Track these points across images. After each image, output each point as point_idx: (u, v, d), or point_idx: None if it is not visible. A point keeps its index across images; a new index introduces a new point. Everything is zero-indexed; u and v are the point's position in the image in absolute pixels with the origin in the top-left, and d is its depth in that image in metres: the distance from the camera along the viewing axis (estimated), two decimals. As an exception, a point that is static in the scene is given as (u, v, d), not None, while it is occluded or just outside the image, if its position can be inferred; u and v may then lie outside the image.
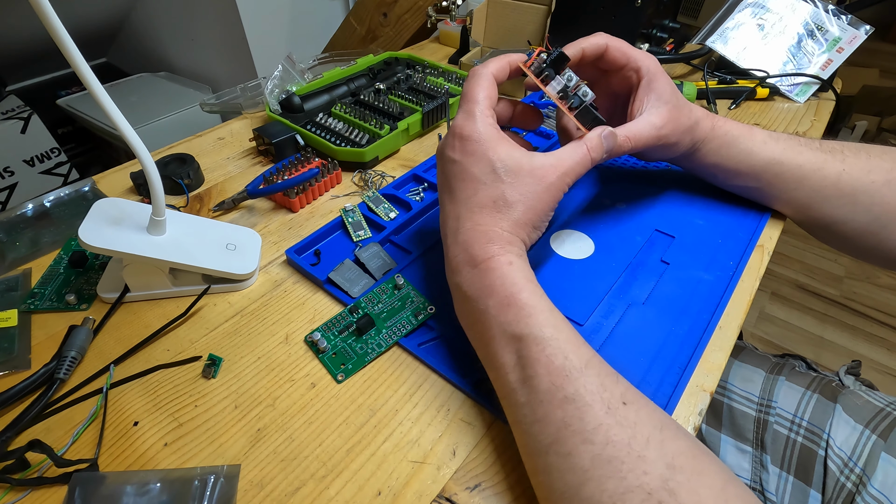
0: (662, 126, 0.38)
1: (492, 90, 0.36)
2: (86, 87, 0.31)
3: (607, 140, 0.35)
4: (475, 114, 0.34)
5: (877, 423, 0.47)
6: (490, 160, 0.33)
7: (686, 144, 0.41)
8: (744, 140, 0.42)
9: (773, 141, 0.42)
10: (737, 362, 0.57)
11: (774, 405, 0.51)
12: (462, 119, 0.35)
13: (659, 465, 0.24)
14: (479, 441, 0.31)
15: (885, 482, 0.43)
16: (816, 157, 0.41)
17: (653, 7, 0.70)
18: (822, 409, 0.49)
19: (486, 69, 0.36)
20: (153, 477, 0.29)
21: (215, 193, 0.53)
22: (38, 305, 0.40)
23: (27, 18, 1.20)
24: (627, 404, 0.26)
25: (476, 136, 0.34)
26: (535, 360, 0.28)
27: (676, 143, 0.40)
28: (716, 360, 0.35)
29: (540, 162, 0.33)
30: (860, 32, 0.69)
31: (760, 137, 0.42)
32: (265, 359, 0.36)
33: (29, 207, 0.50)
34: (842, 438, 0.47)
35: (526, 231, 0.34)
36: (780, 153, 0.41)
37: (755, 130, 0.42)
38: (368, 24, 1.02)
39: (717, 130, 0.42)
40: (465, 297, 0.32)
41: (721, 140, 0.42)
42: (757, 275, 0.42)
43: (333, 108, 0.60)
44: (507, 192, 0.33)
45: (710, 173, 0.45)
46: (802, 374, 0.54)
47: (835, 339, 1.37)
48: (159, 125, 1.26)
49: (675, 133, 0.40)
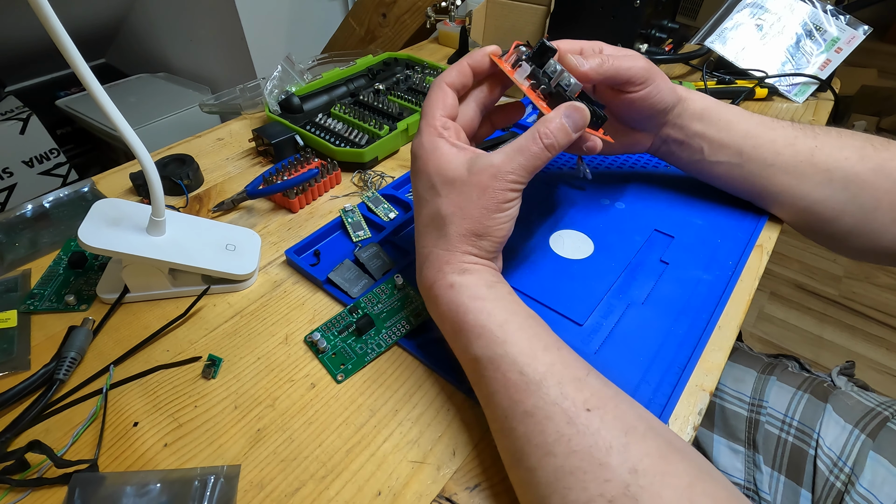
0: (643, 64, 0.38)
1: (446, 100, 0.34)
2: (85, 87, 0.31)
3: (571, 115, 0.32)
4: (420, 129, 0.34)
5: (866, 422, 0.47)
6: (428, 175, 0.32)
7: (669, 87, 0.40)
8: (722, 109, 0.42)
9: (749, 116, 0.43)
10: (729, 362, 0.56)
11: (766, 405, 0.51)
12: (415, 137, 0.34)
13: (621, 471, 0.23)
14: (479, 441, 0.31)
15: (873, 481, 0.43)
16: (787, 132, 0.42)
17: (651, 7, 0.70)
18: (813, 410, 0.49)
19: (441, 79, 0.35)
20: (153, 477, 0.29)
21: (215, 194, 0.53)
22: (38, 306, 0.40)
23: (26, 19, 1.20)
24: (591, 410, 0.26)
25: (417, 153, 0.33)
26: (491, 379, 0.28)
27: (658, 95, 0.39)
28: (715, 359, 0.35)
29: (480, 165, 0.31)
30: (858, 32, 0.69)
31: (734, 110, 0.43)
32: (265, 359, 0.36)
33: (28, 208, 0.50)
34: (831, 438, 0.47)
35: (468, 242, 0.32)
36: (754, 127, 0.42)
37: (724, 104, 0.43)
38: (367, 25, 1.02)
39: (693, 96, 0.42)
40: (435, 321, 0.34)
41: (700, 102, 0.42)
42: (756, 274, 0.42)
43: (333, 109, 0.60)
44: (441, 207, 0.32)
45: (699, 146, 0.43)
46: (794, 375, 0.54)
47: (834, 338, 1.37)
48: (158, 126, 1.26)
49: (656, 79, 0.39)
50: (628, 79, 0.38)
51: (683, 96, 0.42)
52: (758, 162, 0.42)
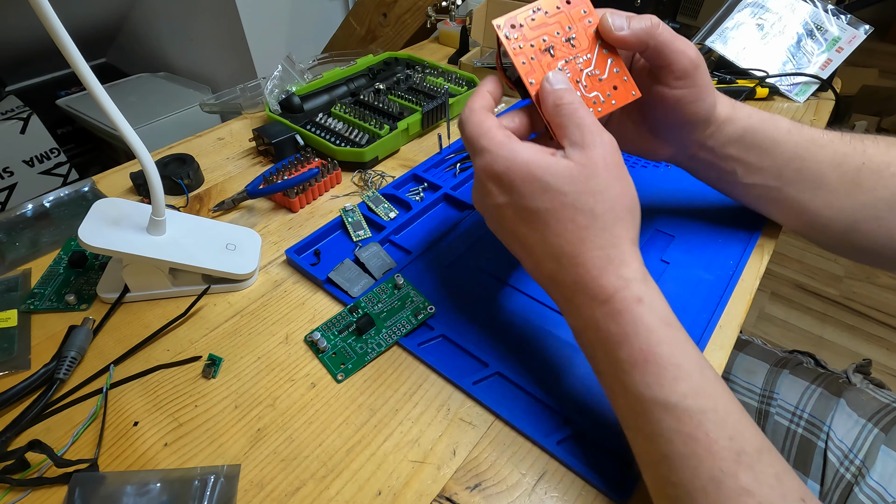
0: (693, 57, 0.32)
1: (491, 107, 0.31)
2: (86, 87, 0.31)
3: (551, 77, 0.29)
4: (489, 148, 0.29)
5: (880, 417, 0.47)
6: (540, 180, 0.27)
7: (710, 103, 0.35)
8: (767, 127, 0.37)
9: (798, 131, 0.37)
10: (741, 355, 0.57)
11: (776, 397, 0.52)
12: (481, 161, 0.30)
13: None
14: (480, 441, 0.31)
15: (883, 474, 0.43)
16: (836, 150, 0.37)
17: (652, 7, 0.70)
18: (825, 403, 0.50)
19: (476, 101, 0.31)
20: (153, 477, 0.29)
21: (215, 193, 0.53)
22: (38, 306, 0.40)
23: (27, 18, 1.20)
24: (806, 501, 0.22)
25: (507, 167, 0.28)
26: (689, 437, 0.23)
27: (696, 104, 0.34)
28: (716, 359, 0.35)
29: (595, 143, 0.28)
30: (859, 32, 0.69)
31: (784, 125, 0.37)
32: (265, 359, 0.36)
33: (28, 208, 0.50)
34: (843, 431, 0.47)
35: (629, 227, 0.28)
36: (802, 146, 0.37)
37: (777, 117, 0.38)
38: (368, 25, 1.02)
39: (739, 111, 0.37)
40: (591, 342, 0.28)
41: (745, 122, 0.37)
42: (757, 274, 0.42)
43: (333, 109, 0.60)
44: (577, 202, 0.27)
45: (731, 168, 0.39)
46: (808, 370, 0.54)
47: (834, 338, 1.37)
48: (159, 125, 1.26)
49: (701, 82, 0.33)
50: (670, 63, 0.32)
51: (724, 117, 0.36)
52: (798, 186, 0.38)
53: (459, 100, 0.63)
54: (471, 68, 0.72)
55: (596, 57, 0.32)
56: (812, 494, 0.23)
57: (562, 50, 0.32)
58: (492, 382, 0.34)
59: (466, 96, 0.64)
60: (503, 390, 0.34)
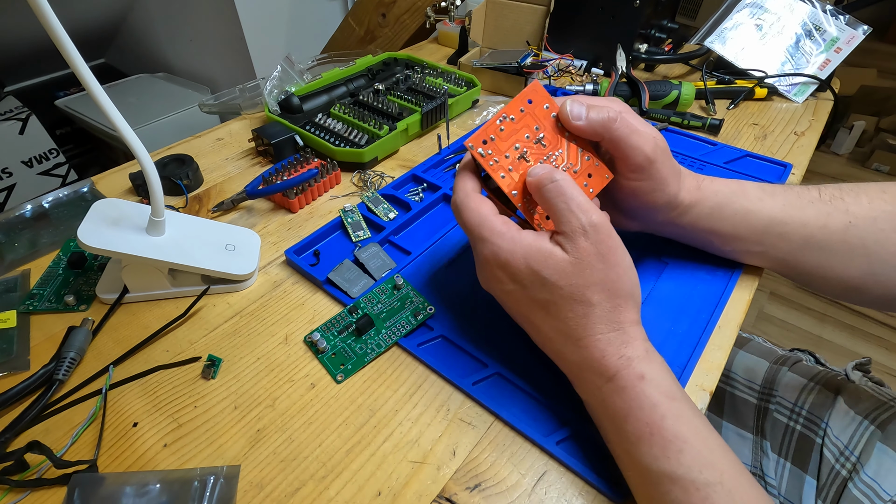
0: (649, 152, 0.32)
1: (478, 188, 0.32)
2: (85, 87, 0.31)
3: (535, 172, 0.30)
4: (490, 239, 0.30)
5: (876, 415, 0.47)
6: (538, 275, 0.29)
7: (671, 193, 0.35)
8: (737, 199, 0.37)
9: (770, 196, 0.37)
10: (741, 352, 0.58)
11: (776, 394, 0.52)
12: (484, 250, 0.31)
13: None
14: (479, 441, 0.31)
15: (878, 470, 0.44)
16: (819, 210, 0.36)
17: (651, 7, 0.70)
18: (823, 400, 0.50)
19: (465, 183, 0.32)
20: (153, 478, 0.29)
21: (214, 194, 0.53)
22: (37, 306, 0.40)
23: (26, 19, 1.20)
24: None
25: (508, 260, 0.30)
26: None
27: (653, 194, 0.34)
28: (715, 359, 0.35)
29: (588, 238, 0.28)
30: (858, 32, 0.69)
31: (755, 194, 0.37)
32: (265, 359, 0.36)
33: (27, 208, 0.50)
34: (839, 428, 0.48)
35: (631, 308, 0.29)
36: (780, 210, 0.36)
37: (746, 186, 0.38)
38: (367, 25, 1.02)
39: (705, 190, 0.37)
40: (599, 415, 0.29)
41: (712, 201, 0.37)
42: (756, 274, 0.42)
43: (332, 109, 0.60)
44: (574, 294, 0.28)
45: (706, 240, 0.39)
46: (808, 367, 0.55)
47: (833, 338, 1.37)
48: (158, 126, 1.26)
49: (660, 171, 0.33)
50: (626, 157, 0.32)
51: (689, 202, 0.36)
52: (782, 248, 0.37)
53: (459, 100, 0.63)
54: (470, 68, 0.72)
55: (567, 150, 0.33)
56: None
57: (535, 154, 0.32)
58: (491, 383, 0.34)
59: (466, 96, 0.64)
60: (503, 391, 0.34)
